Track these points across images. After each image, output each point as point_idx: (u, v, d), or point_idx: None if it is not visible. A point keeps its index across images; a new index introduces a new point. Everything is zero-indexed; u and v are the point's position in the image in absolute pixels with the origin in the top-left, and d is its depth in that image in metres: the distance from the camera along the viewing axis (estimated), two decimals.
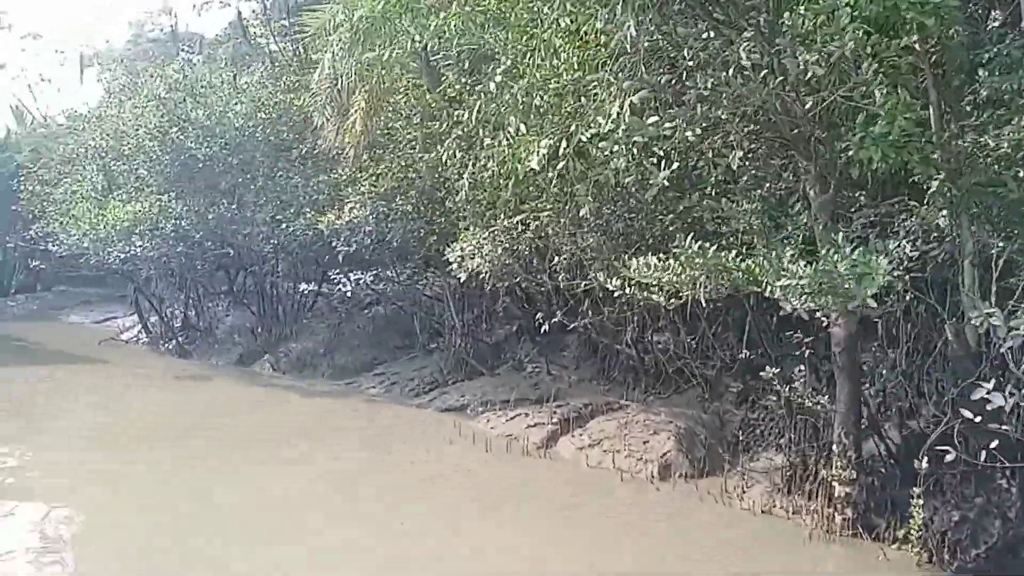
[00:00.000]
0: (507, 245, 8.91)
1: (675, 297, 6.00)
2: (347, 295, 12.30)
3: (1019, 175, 5.28)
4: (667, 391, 9.54)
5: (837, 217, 6.11)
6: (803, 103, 4.85)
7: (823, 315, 5.93)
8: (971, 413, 4.90)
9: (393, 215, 10.87)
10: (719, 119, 4.99)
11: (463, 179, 6.48)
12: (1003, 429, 5.12)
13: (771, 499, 6.73)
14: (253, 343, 14.44)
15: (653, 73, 4.91)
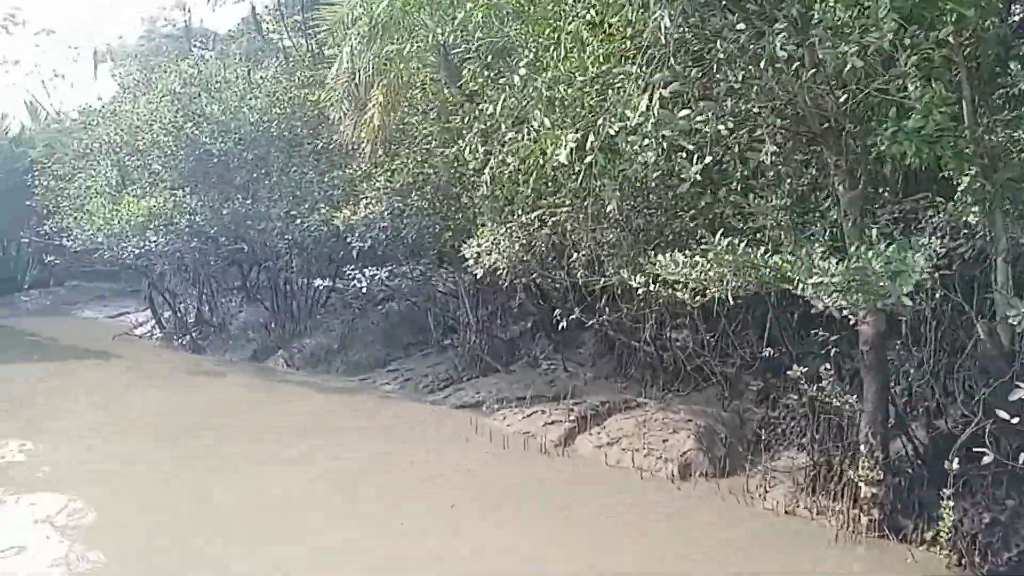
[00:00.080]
0: (524, 241, 8.84)
1: (700, 295, 5.94)
2: (362, 291, 12.25)
3: None
4: (686, 389, 9.45)
5: (864, 213, 6.01)
6: (837, 96, 4.74)
7: (850, 313, 5.83)
8: (1007, 414, 4.79)
9: (408, 211, 10.82)
10: (750, 113, 4.89)
11: (484, 174, 6.39)
12: None
13: (794, 499, 6.64)
14: (267, 339, 14.43)
15: (680, 66, 4.81)
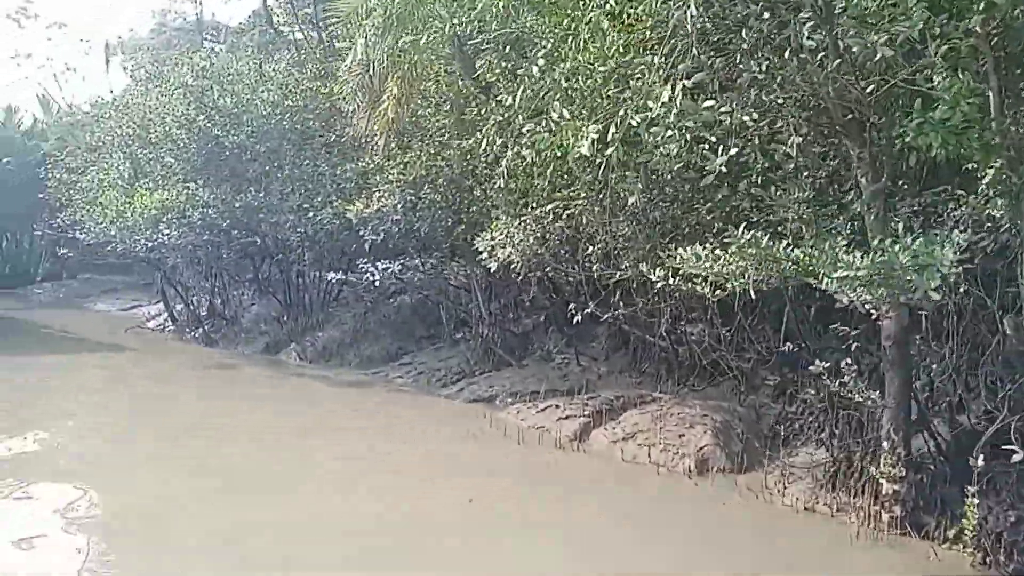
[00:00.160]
0: (539, 234, 8.78)
1: (720, 288, 5.87)
2: (374, 284, 12.25)
3: None
4: (701, 383, 9.38)
5: (887, 206, 5.92)
6: (863, 87, 4.65)
7: (872, 307, 5.75)
8: None
9: (421, 204, 10.77)
10: (774, 104, 4.81)
11: (501, 166, 6.33)
12: None
13: (814, 496, 6.57)
14: (279, 332, 14.44)
15: (703, 56, 4.74)
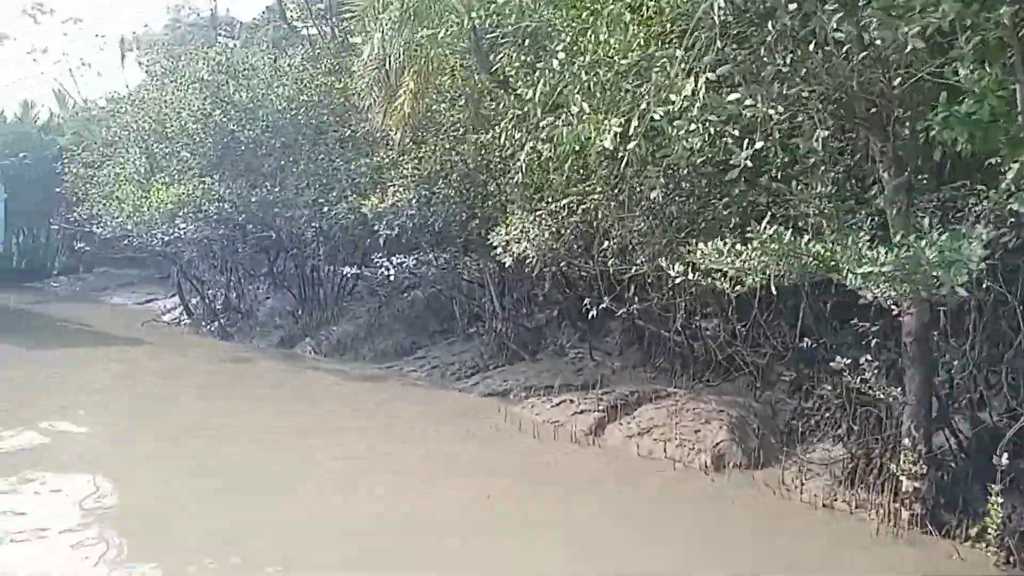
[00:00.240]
0: (554, 229, 8.77)
1: (739, 284, 5.83)
2: (389, 279, 12.28)
3: None
4: (716, 379, 9.35)
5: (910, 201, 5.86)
6: (890, 80, 4.60)
7: (893, 303, 5.70)
8: None
9: (435, 199, 10.77)
10: (798, 97, 4.77)
11: (519, 160, 6.31)
12: None
13: (832, 492, 6.53)
14: (294, 326, 14.50)
15: (726, 49, 4.70)
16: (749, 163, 4.43)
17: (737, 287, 5.85)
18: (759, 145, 4.38)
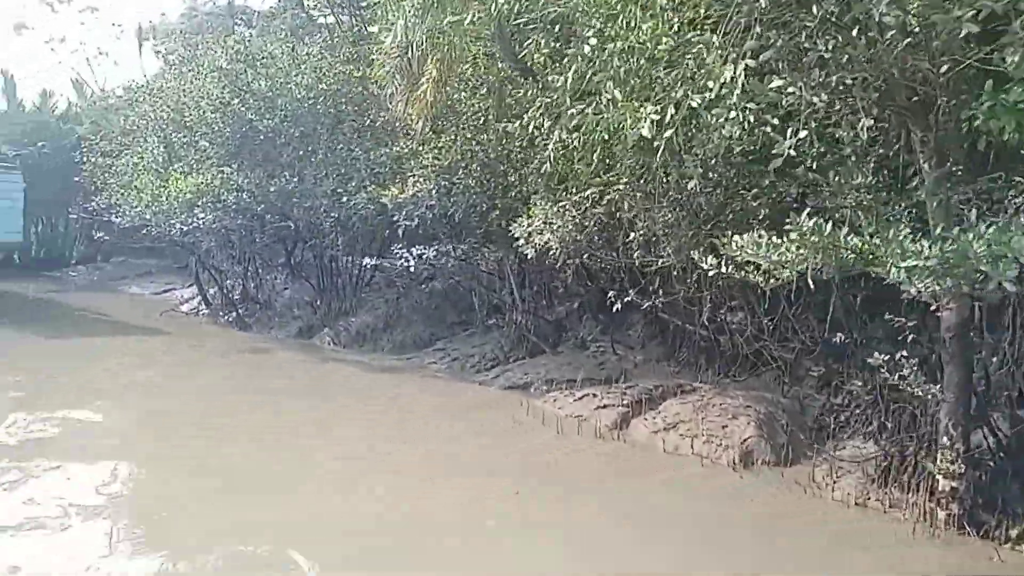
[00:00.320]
0: (577, 220, 8.63)
1: (773, 278, 5.69)
2: (409, 270, 12.19)
3: None
4: (742, 373, 9.20)
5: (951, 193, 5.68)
6: (937, 66, 4.43)
7: (933, 298, 5.53)
8: None
9: (455, 189, 10.66)
10: (840, 84, 4.60)
11: (547, 150, 6.17)
12: None
13: (864, 490, 6.38)
14: (312, 316, 14.46)
15: (766, 34, 4.54)
16: (792, 152, 4.28)
17: (771, 281, 5.71)
18: (803, 134, 4.23)
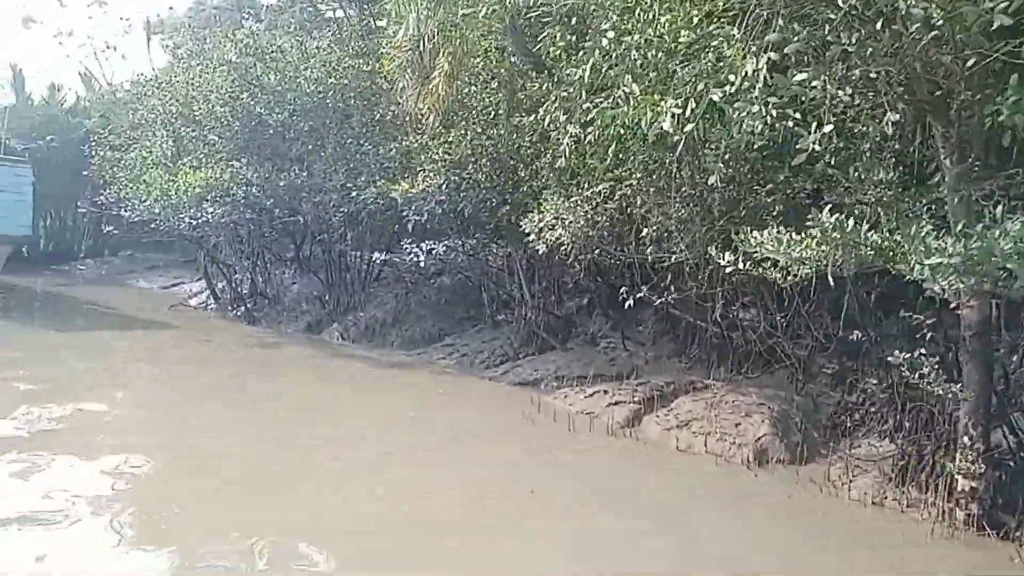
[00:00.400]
0: (590, 215, 8.57)
1: (791, 274, 5.63)
2: (419, 265, 12.15)
3: None
4: (755, 371, 9.13)
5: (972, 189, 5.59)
6: (963, 61, 4.35)
7: (954, 296, 5.45)
8: None
9: (466, 184, 10.61)
10: (865, 78, 4.52)
11: (562, 144, 6.10)
12: None
13: (881, 490, 6.31)
14: (321, 311, 14.45)
15: (788, 27, 4.46)
16: (817, 147, 4.20)
17: (789, 277, 5.65)
18: (827, 128, 4.15)
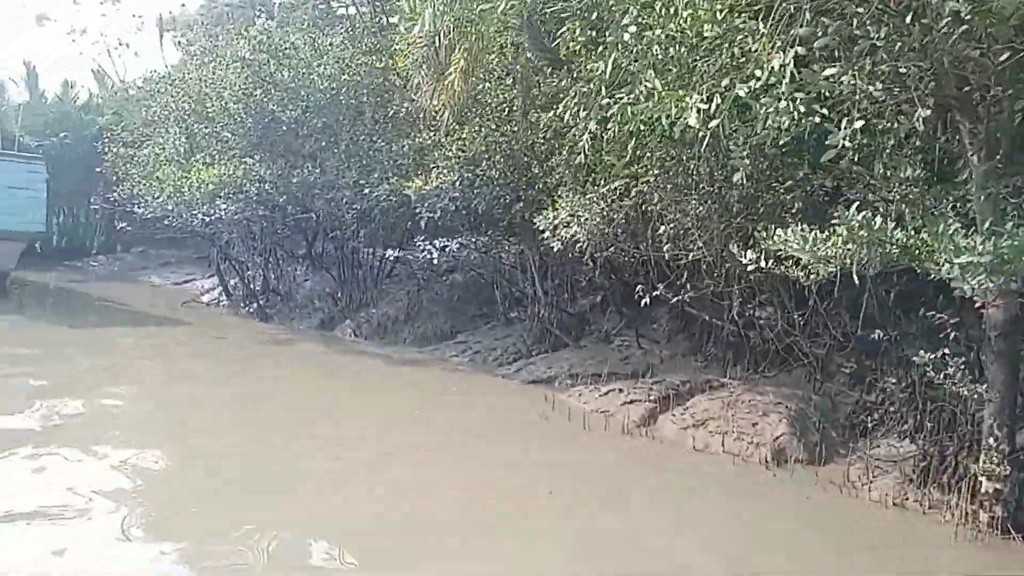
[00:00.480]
0: (605, 212, 8.50)
1: (813, 273, 5.56)
2: (432, 262, 12.12)
3: None
4: (772, 370, 9.05)
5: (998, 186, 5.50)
6: (995, 55, 4.27)
7: (981, 295, 5.37)
8: None
9: (479, 181, 10.56)
10: (895, 73, 4.45)
11: (581, 140, 6.04)
12: None
13: (902, 491, 6.22)
14: (333, 308, 14.44)
15: (816, 21, 4.39)
16: (847, 143, 4.13)
17: (811, 276, 5.58)
18: (858, 124, 4.08)
